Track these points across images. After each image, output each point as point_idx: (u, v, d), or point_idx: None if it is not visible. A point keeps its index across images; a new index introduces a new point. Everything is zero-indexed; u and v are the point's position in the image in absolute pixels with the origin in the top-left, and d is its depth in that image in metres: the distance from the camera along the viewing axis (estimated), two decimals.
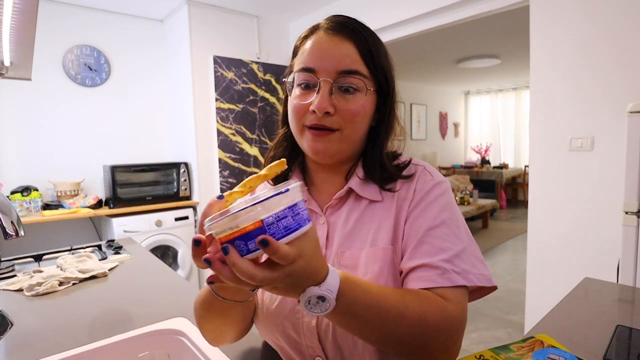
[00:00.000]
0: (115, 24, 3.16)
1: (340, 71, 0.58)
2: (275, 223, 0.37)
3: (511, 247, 4.54)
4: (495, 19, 2.59)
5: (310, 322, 0.60)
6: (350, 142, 0.62)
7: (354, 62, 0.59)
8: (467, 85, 7.61)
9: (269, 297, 0.64)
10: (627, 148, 1.50)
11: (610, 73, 1.78)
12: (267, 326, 0.65)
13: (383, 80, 0.62)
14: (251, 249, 0.37)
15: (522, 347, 0.62)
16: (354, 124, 0.60)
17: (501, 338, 2.44)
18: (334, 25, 0.61)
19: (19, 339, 0.85)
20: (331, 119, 0.58)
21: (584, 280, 1.05)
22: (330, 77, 0.58)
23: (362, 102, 0.59)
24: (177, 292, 1.13)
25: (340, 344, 0.59)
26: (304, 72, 0.60)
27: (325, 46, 0.59)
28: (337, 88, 0.58)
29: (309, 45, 0.61)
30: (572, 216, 1.95)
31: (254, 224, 0.37)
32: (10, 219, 0.73)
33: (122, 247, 1.59)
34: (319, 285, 0.43)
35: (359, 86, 0.59)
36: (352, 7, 2.94)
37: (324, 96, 0.57)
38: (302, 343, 0.62)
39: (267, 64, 3.39)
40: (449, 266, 0.55)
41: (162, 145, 3.46)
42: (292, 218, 0.38)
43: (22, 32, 0.84)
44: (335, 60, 0.58)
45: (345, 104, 0.59)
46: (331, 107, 0.58)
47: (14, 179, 2.78)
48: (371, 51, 0.60)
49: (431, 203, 0.60)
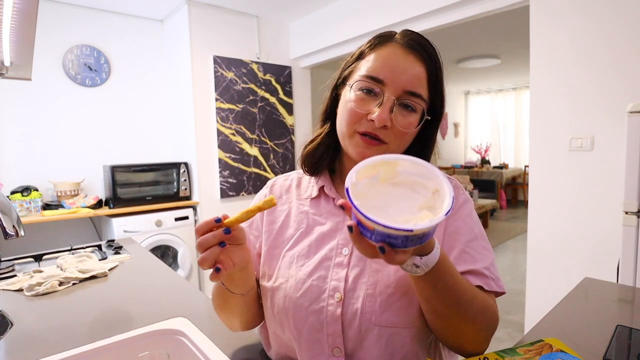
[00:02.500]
0: (115, 24, 3.16)
1: (407, 91, 0.60)
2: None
3: (511, 247, 4.54)
4: (495, 19, 2.59)
5: (335, 311, 0.62)
6: (392, 153, 0.64)
7: (421, 85, 0.62)
8: (467, 85, 7.61)
9: (294, 286, 0.65)
10: (627, 148, 1.51)
11: (610, 73, 1.78)
12: (286, 316, 0.66)
13: (439, 106, 0.66)
14: (372, 238, 0.45)
15: (529, 351, 0.60)
16: (403, 141, 0.64)
17: (501, 338, 2.44)
18: (411, 43, 0.62)
19: (19, 339, 0.85)
20: (385, 132, 0.61)
21: (584, 280, 1.05)
22: (396, 93, 0.60)
23: (415, 123, 0.63)
24: (177, 292, 1.13)
25: (363, 334, 0.61)
26: (371, 79, 0.61)
27: (399, 62, 0.61)
28: (398, 104, 0.61)
29: (380, 55, 0.62)
30: (572, 216, 1.95)
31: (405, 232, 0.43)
32: (10, 219, 0.73)
33: (122, 247, 1.59)
34: (422, 257, 0.50)
35: (417, 109, 0.62)
36: (352, 8, 2.94)
37: (385, 110, 0.60)
38: (322, 332, 0.63)
39: (267, 64, 3.39)
40: (488, 273, 0.63)
41: (162, 145, 3.46)
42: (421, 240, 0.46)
43: (22, 32, 0.84)
44: (405, 78, 0.60)
45: (401, 122, 0.61)
46: (389, 122, 0.60)
47: (14, 179, 2.78)
48: (437, 77, 0.63)
49: (467, 216, 0.68)
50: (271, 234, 0.72)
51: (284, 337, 0.69)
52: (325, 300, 0.63)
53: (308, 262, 0.67)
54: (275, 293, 0.67)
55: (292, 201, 0.74)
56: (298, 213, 0.72)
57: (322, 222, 0.69)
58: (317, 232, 0.69)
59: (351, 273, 0.64)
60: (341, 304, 0.63)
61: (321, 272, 0.65)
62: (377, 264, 0.64)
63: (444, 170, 7.13)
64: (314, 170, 0.73)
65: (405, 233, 0.42)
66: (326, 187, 0.71)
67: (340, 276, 0.64)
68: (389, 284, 0.62)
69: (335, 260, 0.65)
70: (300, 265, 0.67)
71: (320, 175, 0.74)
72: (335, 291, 0.63)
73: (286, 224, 0.72)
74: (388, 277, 0.62)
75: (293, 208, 0.73)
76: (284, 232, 0.72)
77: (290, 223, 0.72)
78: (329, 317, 0.63)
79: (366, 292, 0.62)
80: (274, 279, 0.68)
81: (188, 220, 3.13)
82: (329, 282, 0.64)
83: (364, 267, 0.64)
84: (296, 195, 0.75)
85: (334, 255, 0.66)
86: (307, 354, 0.65)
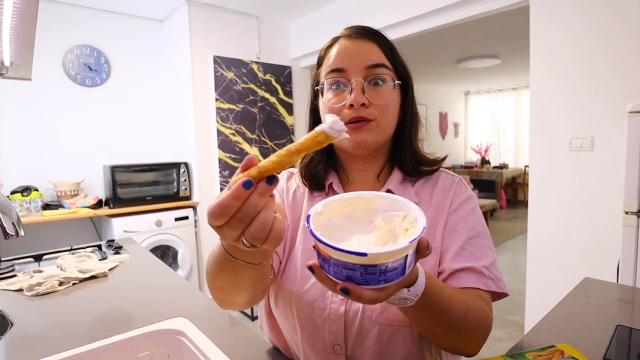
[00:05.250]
0: (115, 24, 3.16)
1: (369, 66, 0.63)
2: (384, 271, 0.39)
3: (511, 247, 4.54)
4: (495, 19, 2.59)
5: (338, 308, 0.63)
6: (384, 132, 0.66)
7: (380, 57, 0.65)
8: (467, 85, 7.61)
9: (300, 281, 0.66)
10: (627, 148, 1.50)
11: (610, 73, 1.78)
12: (290, 310, 0.67)
13: (404, 75, 0.68)
14: (331, 273, 0.40)
15: (539, 356, 0.59)
16: (387, 114, 0.65)
17: (501, 338, 2.44)
18: (354, 32, 0.67)
19: (19, 339, 0.85)
20: (367, 111, 0.63)
21: (584, 280, 1.05)
22: (360, 74, 0.64)
23: (390, 94, 0.65)
24: (177, 292, 1.13)
25: (364, 332, 0.63)
26: (335, 73, 0.65)
27: (351, 48, 0.65)
28: (367, 83, 0.64)
29: (334, 51, 0.66)
30: (572, 216, 1.95)
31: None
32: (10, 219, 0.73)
33: (122, 247, 1.59)
34: (409, 288, 0.47)
35: (386, 79, 0.65)
36: (352, 8, 2.94)
37: (358, 91, 0.63)
38: (324, 329, 0.64)
39: (267, 64, 3.39)
40: (487, 272, 0.63)
41: (162, 145, 3.46)
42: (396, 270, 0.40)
43: (22, 32, 0.84)
44: (363, 57, 0.64)
45: (377, 96, 0.64)
46: (366, 100, 0.63)
47: (14, 179, 2.78)
48: (391, 48, 0.67)
49: (469, 213, 0.68)
50: (291, 222, 0.73)
51: (289, 328, 0.70)
52: (329, 298, 0.64)
53: (313, 257, 0.66)
54: (283, 284, 0.68)
55: (305, 192, 0.75)
56: (309, 206, 0.73)
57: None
58: None
59: None
60: (345, 302, 0.64)
61: None
62: None
63: None
64: (313, 181, 0.73)
65: (360, 260, 0.36)
66: (334, 184, 0.72)
67: None
68: None
69: None
70: (305, 260, 0.68)
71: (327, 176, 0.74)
72: None
73: (300, 217, 0.73)
74: None
75: (305, 201, 0.74)
76: (297, 226, 0.73)
77: (303, 216, 0.73)
78: (332, 314, 0.64)
79: None
80: (285, 269, 0.70)
81: (188, 220, 3.13)
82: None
83: None
84: (308, 189, 0.76)
85: None
86: (308, 348, 0.67)
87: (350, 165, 0.73)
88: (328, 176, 0.74)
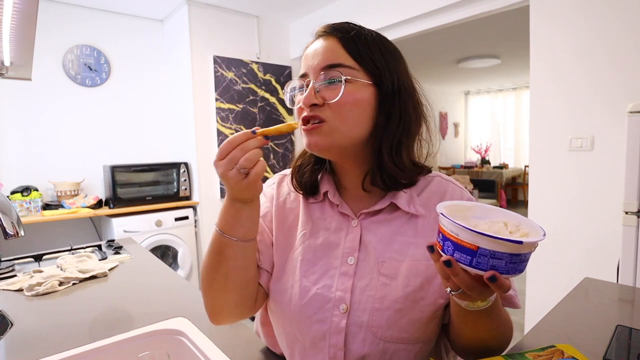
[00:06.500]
0: (115, 24, 3.16)
1: (324, 66, 0.60)
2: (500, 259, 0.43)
3: None
4: (495, 19, 2.59)
5: (340, 322, 0.61)
6: (341, 133, 0.60)
7: (337, 56, 0.60)
8: (467, 85, 7.61)
9: (298, 293, 0.64)
10: (627, 148, 1.50)
11: (610, 73, 1.78)
12: (289, 321, 0.65)
13: (374, 70, 0.61)
14: (473, 264, 0.43)
15: (539, 356, 0.59)
16: (342, 114, 0.59)
17: None
18: (320, 31, 0.64)
19: (19, 339, 0.85)
20: (319, 110, 0.60)
21: (584, 280, 1.05)
22: (315, 76, 0.61)
23: (347, 92, 0.59)
24: (177, 292, 1.13)
25: (367, 348, 0.60)
26: (299, 79, 0.64)
27: (312, 49, 0.63)
28: (322, 83, 0.60)
29: (304, 55, 0.65)
30: (572, 216, 1.95)
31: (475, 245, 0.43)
32: (10, 219, 0.73)
33: (122, 247, 1.59)
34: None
35: (341, 78, 0.59)
36: (352, 8, 2.94)
37: (309, 92, 0.60)
38: (325, 342, 0.62)
39: (267, 64, 3.39)
40: (514, 293, 0.63)
41: (162, 145, 3.46)
42: (509, 264, 0.43)
43: (22, 32, 0.84)
44: (319, 59, 0.61)
45: (328, 95, 0.59)
46: (317, 100, 0.59)
47: (14, 179, 2.78)
48: (356, 43, 0.61)
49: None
50: (281, 232, 0.70)
51: (287, 341, 0.69)
52: (330, 311, 0.62)
53: (313, 268, 0.65)
54: (280, 297, 0.66)
55: (300, 200, 0.71)
56: (305, 214, 0.69)
57: (327, 228, 0.67)
58: (322, 238, 0.67)
59: (357, 284, 0.62)
60: (346, 316, 0.61)
61: (326, 281, 0.63)
62: (385, 277, 0.61)
63: (444, 170, 7.13)
64: (301, 183, 0.70)
65: (512, 248, 0.41)
66: (330, 193, 0.68)
67: (347, 286, 0.62)
68: (397, 299, 0.60)
69: (341, 269, 0.64)
70: (305, 270, 0.65)
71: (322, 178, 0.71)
72: (340, 302, 0.62)
73: (295, 224, 0.70)
74: (396, 292, 0.60)
75: (301, 208, 0.71)
76: (292, 231, 0.70)
77: (298, 224, 0.70)
78: (333, 327, 0.61)
79: (373, 305, 0.60)
80: (280, 282, 0.67)
81: (188, 220, 3.13)
82: (334, 292, 0.62)
83: (371, 279, 0.62)
84: (303, 195, 0.73)
85: (339, 264, 0.64)
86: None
87: (337, 169, 0.70)
88: (323, 181, 0.70)
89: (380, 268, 0.62)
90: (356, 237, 0.65)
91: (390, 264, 0.62)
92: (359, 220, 0.66)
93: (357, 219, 0.66)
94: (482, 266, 0.42)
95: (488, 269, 0.42)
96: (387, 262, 0.62)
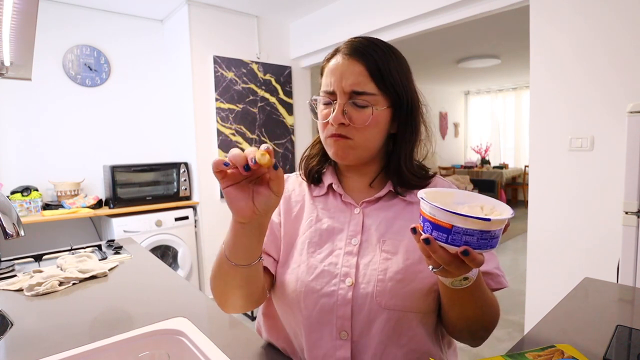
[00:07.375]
0: (115, 24, 3.16)
1: (352, 92, 0.67)
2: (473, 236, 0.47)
3: (511, 247, 4.54)
4: (495, 19, 2.59)
5: (346, 294, 0.66)
6: (364, 148, 0.70)
7: (364, 84, 0.67)
8: (467, 85, 7.61)
9: (305, 270, 0.70)
10: (627, 148, 1.50)
11: (610, 73, 1.78)
12: (297, 298, 0.69)
13: (394, 96, 0.69)
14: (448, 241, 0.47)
15: (539, 356, 0.59)
16: (365, 134, 0.69)
17: (501, 338, 2.44)
18: (349, 49, 0.69)
19: (19, 339, 0.85)
20: (345, 130, 0.68)
21: (584, 280, 1.05)
22: (343, 97, 0.68)
23: (370, 116, 0.67)
24: (177, 292, 1.13)
25: (372, 318, 0.66)
26: (325, 94, 0.70)
27: (341, 69, 0.68)
28: (349, 104, 0.68)
29: (329, 69, 0.70)
30: (572, 216, 1.95)
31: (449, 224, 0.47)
32: (10, 219, 0.73)
33: (122, 247, 1.59)
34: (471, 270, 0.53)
35: (368, 104, 0.68)
36: (352, 8, 2.94)
37: (337, 112, 0.68)
38: (332, 315, 0.67)
39: (267, 64, 3.39)
40: (499, 272, 0.69)
41: (162, 145, 3.46)
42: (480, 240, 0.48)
43: (22, 32, 0.84)
44: (348, 82, 0.67)
45: (355, 118, 0.68)
46: (344, 119, 0.67)
47: (14, 179, 2.78)
48: (380, 70, 0.67)
49: None
50: (288, 220, 0.77)
51: (292, 321, 0.72)
52: (336, 284, 0.67)
53: (319, 249, 0.72)
54: (287, 277, 0.71)
55: (305, 194, 0.79)
56: (310, 205, 0.77)
57: (332, 216, 0.74)
58: (327, 224, 0.74)
59: (361, 261, 0.69)
60: (352, 288, 0.67)
61: (332, 259, 0.70)
62: (387, 253, 0.68)
63: (444, 170, 7.13)
64: (308, 172, 0.79)
65: (482, 225, 0.45)
66: (334, 184, 0.76)
67: (351, 263, 0.69)
68: (399, 270, 0.66)
69: (346, 249, 0.70)
70: (312, 251, 0.72)
71: (325, 172, 0.79)
72: (346, 276, 0.68)
73: (300, 215, 0.77)
74: (397, 264, 0.67)
75: (306, 201, 0.78)
76: (298, 222, 0.76)
77: (303, 215, 0.77)
78: (340, 299, 0.66)
79: (377, 277, 0.66)
80: (287, 264, 0.73)
81: (188, 220, 3.13)
82: (340, 268, 0.69)
83: (374, 256, 0.69)
84: (308, 190, 0.80)
85: (344, 245, 0.71)
86: (314, 336, 0.68)
87: (342, 171, 0.78)
88: (326, 175, 0.78)
89: (382, 246, 0.69)
90: (359, 222, 0.72)
91: (391, 242, 0.69)
92: (361, 208, 0.73)
93: (360, 207, 0.74)
94: (456, 243, 0.47)
95: (461, 245, 0.46)
96: (388, 241, 0.70)
